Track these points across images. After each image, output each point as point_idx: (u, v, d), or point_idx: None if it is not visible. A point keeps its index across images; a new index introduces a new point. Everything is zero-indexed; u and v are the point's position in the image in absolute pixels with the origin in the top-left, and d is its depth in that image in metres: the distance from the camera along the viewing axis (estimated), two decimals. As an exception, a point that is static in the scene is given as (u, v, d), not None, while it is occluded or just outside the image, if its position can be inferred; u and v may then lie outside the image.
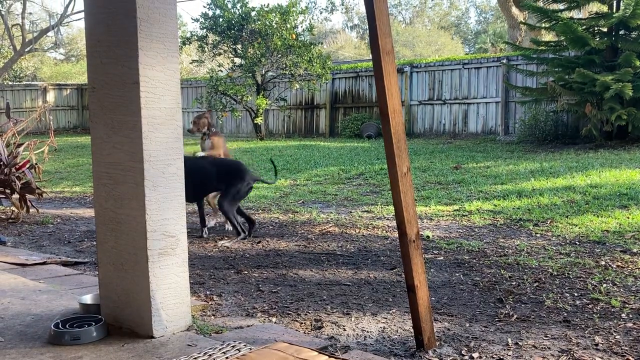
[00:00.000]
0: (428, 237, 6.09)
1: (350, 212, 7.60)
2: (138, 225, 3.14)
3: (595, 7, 14.85)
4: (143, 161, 3.08)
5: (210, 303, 4.13)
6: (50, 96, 26.72)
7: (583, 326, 3.58)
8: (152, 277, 3.14)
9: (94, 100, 3.32)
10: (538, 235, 6.02)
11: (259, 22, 17.79)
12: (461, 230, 6.39)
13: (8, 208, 7.92)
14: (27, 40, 34.73)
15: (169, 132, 3.18)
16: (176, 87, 3.21)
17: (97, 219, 3.43)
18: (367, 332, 3.58)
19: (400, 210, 3.00)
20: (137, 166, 3.10)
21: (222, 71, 19.55)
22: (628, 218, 6.34)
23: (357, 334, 3.55)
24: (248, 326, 3.58)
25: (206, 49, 19.28)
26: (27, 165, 7.54)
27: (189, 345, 3.08)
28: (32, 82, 31.79)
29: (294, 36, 17.81)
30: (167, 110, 3.17)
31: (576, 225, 6.23)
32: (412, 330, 3.29)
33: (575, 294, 4.18)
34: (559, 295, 4.16)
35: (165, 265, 3.20)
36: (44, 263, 5.13)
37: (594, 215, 6.56)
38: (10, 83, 30.77)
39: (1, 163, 7.28)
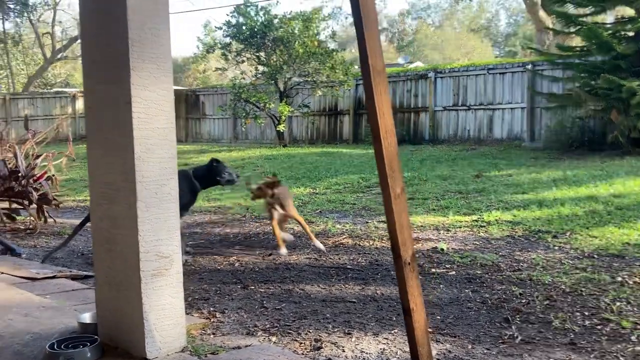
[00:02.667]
0: (442, 249, 5.99)
1: (367, 222, 7.53)
2: (131, 245, 3.12)
3: (622, 12, 14.56)
4: (136, 182, 3.06)
5: (212, 320, 4.10)
6: (79, 103, 27.11)
7: (589, 349, 3.46)
8: (145, 298, 3.12)
9: (90, 120, 3.32)
10: (556, 247, 5.88)
11: (282, 30, 17.83)
12: (477, 242, 6.27)
13: (26, 219, 8.02)
14: (57, 48, 35.36)
15: (163, 152, 3.16)
16: (170, 107, 3.19)
17: (93, 239, 3.43)
18: (367, 354, 3.51)
19: (395, 232, 2.92)
20: (130, 186, 3.09)
21: (245, 78, 19.63)
22: (650, 230, 6.17)
23: (356, 355, 3.48)
24: (246, 346, 3.54)
25: (230, 56, 19.38)
26: (45, 177, 7.63)
27: (181, 367, 3.05)
28: (62, 90, 32.31)
29: (316, 43, 17.80)
30: (161, 131, 3.15)
31: (596, 237, 6.08)
32: (410, 354, 3.21)
33: (586, 313, 4.05)
34: (569, 314, 4.04)
35: (159, 287, 3.18)
36: (53, 277, 5.16)
37: (616, 226, 6.40)
38: (40, 91, 31.36)
39: (19, 174, 7.37)
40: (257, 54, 19.06)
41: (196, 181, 6.21)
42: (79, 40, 37.14)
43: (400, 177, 2.93)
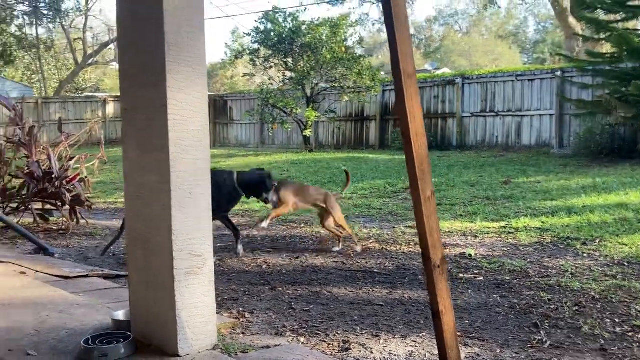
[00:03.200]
0: (470, 255, 5.98)
1: (394, 227, 7.54)
2: (165, 244, 3.19)
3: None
4: (170, 182, 3.13)
5: (241, 320, 4.16)
6: (110, 108, 27.53)
7: (620, 356, 3.44)
8: (178, 296, 3.18)
9: (126, 122, 3.40)
10: (585, 255, 5.83)
11: (310, 36, 17.93)
12: (505, 249, 6.25)
13: (59, 219, 8.18)
14: (88, 53, 35.94)
15: (197, 153, 3.23)
16: (204, 110, 3.25)
17: (127, 238, 3.50)
18: (395, 356, 3.53)
19: (424, 235, 2.94)
20: (164, 187, 3.16)
21: (272, 84, 19.76)
22: (682, 239, 6.09)
23: (384, 357, 3.51)
24: (275, 346, 3.58)
25: (258, 62, 19.54)
26: (78, 178, 7.78)
27: (212, 365, 3.11)
28: (93, 94, 32.84)
29: (344, 49, 17.86)
30: (195, 132, 3.21)
31: (626, 245, 6.02)
32: (439, 357, 3.22)
33: (616, 320, 4.02)
34: (599, 321, 4.01)
35: (192, 285, 3.24)
36: (86, 276, 5.27)
37: (646, 234, 6.33)
38: (72, 95, 31.89)
39: (53, 176, 7.53)
40: (285, 60, 19.19)
41: (239, 187, 6.29)
42: (109, 46, 37.77)
43: (430, 180, 2.96)
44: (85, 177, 7.98)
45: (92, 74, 45.21)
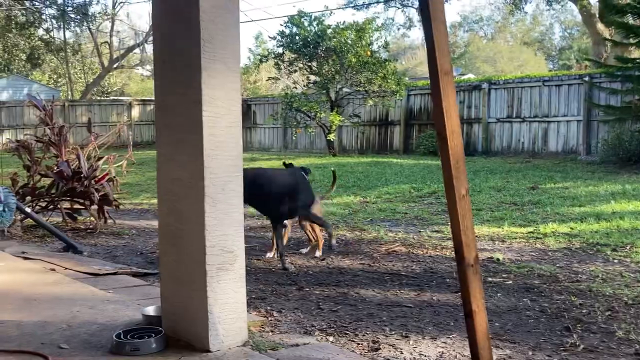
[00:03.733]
0: (498, 259, 5.92)
1: (419, 231, 7.50)
2: (197, 240, 3.20)
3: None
4: (204, 178, 3.14)
5: (269, 319, 4.16)
6: (135, 111, 27.81)
7: (656, 361, 3.38)
8: (209, 292, 3.19)
9: (160, 119, 3.43)
10: (615, 260, 5.75)
11: (335, 40, 17.95)
12: (534, 254, 6.18)
13: (87, 219, 8.26)
14: (114, 57, 36.36)
15: (230, 150, 3.24)
16: (237, 107, 3.27)
17: (160, 234, 3.53)
18: (425, 356, 3.50)
19: (459, 233, 2.92)
20: (198, 183, 3.17)
21: (297, 88, 19.81)
22: None
23: (415, 357, 3.48)
24: (304, 344, 3.58)
25: (282, 66, 19.61)
26: (106, 178, 7.85)
27: (243, 361, 3.11)
28: (119, 98, 33.21)
29: (369, 53, 17.85)
30: (228, 129, 3.23)
31: (658, 252, 5.92)
32: (470, 357, 3.20)
33: (651, 326, 3.95)
34: (633, 325, 3.95)
35: (223, 280, 3.24)
36: (115, 273, 5.31)
37: (678, 241, 6.22)
38: (98, 98, 32.27)
39: (82, 175, 7.61)
40: (309, 64, 19.23)
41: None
42: (135, 50, 38.16)
43: (465, 179, 2.94)
44: (114, 177, 8.05)
45: (117, 78, 45.73)
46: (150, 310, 3.75)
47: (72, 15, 34.44)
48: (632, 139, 13.79)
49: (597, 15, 22.18)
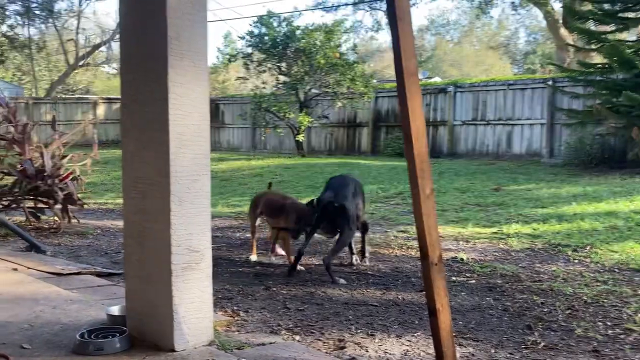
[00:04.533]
0: (462, 259, 6.01)
1: (386, 231, 7.55)
2: (163, 239, 3.19)
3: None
4: (170, 176, 3.13)
5: (236, 318, 4.16)
6: (101, 110, 27.41)
7: (613, 357, 3.47)
8: (175, 291, 3.18)
9: (126, 116, 3.41)
10: (576, 261, 5.88)
11: (304, 41, 17.95)
12: (497, 254, 6.28)
13: (50, 218, 8.13)
14: (80, 55, 35.80)
15: (197, 148, 3.24)
16: (205, 105, 3.26)
17: (125, 232, 3.50)
18: (390, 354, 3.54)
19: (423, 232, 2.96)
20: (163, 181, 3.16)
21: (265, 88, 19.77)
22: (671, 246, 6.14)
23: (380, 355, 3.52)
24: (270, 343, 3.59)
25: (251, 66, 19.54)
26: (70, 177, 7.74)
27: (208, 360, 3.11)
28: (84, 96, 32.70)
29: (338, 55, 17.90)
30: (195, 127, 3.22)
31: (616, 252, 6.06)
32: (435, 355, 3.24)
33: (608, 323, 4.05)
34: (591, 323, 4.05)
35: (189, 280, 3.24)
36: (78, 273, 5.25)
37: (636, 242, 6.37)
38: (63, 96, 31.74)
39: (45, 174, 7.49)
40: (279, 64, 19.20)
41: None
42: (101, 48, 37.61)
43: (430, 178, 2.98)
44: (78, 176, 7.94)
45: (83, 76, 45.00)
46: (115, 310, 3.72)
47: (37, 12, 33.81)
48: (593, 142, 14.08)
49: (561, 21, 22.60)
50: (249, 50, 19.57)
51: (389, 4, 2.77)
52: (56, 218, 7.77)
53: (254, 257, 6.13)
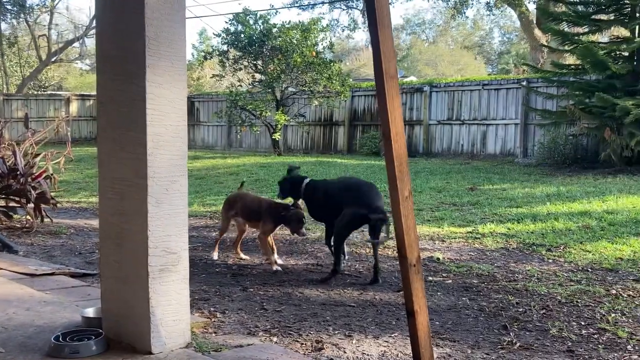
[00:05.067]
0: (438, 259, 6.05)
1: (362, 231, 7.55)
2: (140, 240, 3.16)
3: (617, 32, 14.76)
4: (147, 177, 3.10)
5: (213, 320, 4.13)
6: (73, 106, 27.06)
7: (587, 357, 3.52)
8: (152, 293, 3.15)
9: (102, 116, 3.36)
10: (550, 260, 5.95)
11: (280, 39, 17.90)
12: (472, 253, 6.33)
13: (23, 217, 8.01)
14: (52, 50, 35.29)
15: (174, 149, 3.21)
16: (183, 105, 3.24)
17: (101, 233, 3.46)
18: (368, 355, 3.55)
19: (401, 233, 2.98)
20: (141, 182, 3.13)
21: (242, 86, 19.67)
22: (643, 246, 6.24)
23: (357, 356, 3.52)
24: (248, 345, 3.57)
25: (227, 64, 19.43)
26: (43, 176, 7.63)
27: (186, 362, 3.08)
28: (56, 92, 32.23)
29: (314, 53, 17.89)
30: (173, 128, 3.19)
31: (590, 252, 6.15)
32: (412, 355, 3.26)
33: (582, 323, 4.11)
34: (566, 323, 4.10)
35: (166, 282, 3.21)
36: (52, 274, 5.17)
37: (609, 242, 6.47)
38: (35, 92, 31.26)
39: (18, 172, 7.37)
40: (255, 62, 19.13)
41: None
42: (74, 44, 37.10)
43: (408, 180, 2.99)
44: (51, 174, 7.82)
45: (56, 72, 44.37)
46: (90, 312, 3.67)
47: (9, 7, 33.27)
48: (566, 142, 14.28)
49: (535, 22, 22.86)
50: (225, 47, 19.45)
51: (369, 8, 2.77)
52: (29, 217, 7.64)
53: (215, 256, 6.13)
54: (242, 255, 6.17)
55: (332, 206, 5.47)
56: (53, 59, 36.70)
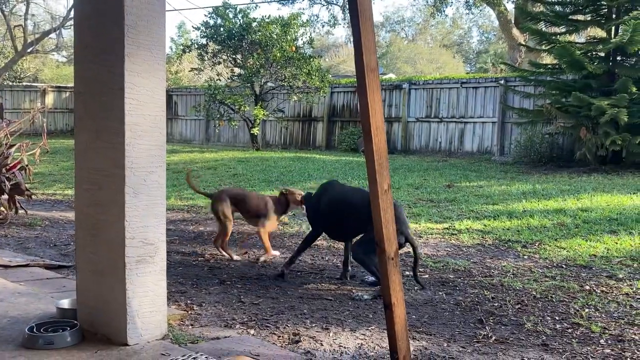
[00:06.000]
0: (415, 254, 6.07)
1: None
2: (117, 231, 3.13)
3: (593, 32, 14.93)
4: (125, 168, 3.07)
5: (189, 312, 4.11)
6: (49, 98, 26.72)
7: (561, 350, 3.57)
8: (128, 285, 3.13)
9: (79, 105, 3.32)
10: (525, 257, 6.01)
11: (260, 33, 17.83)
12: (449, 249, 6.38)
13: (-4, 209, 7.89)
14: (28, 41, 34.78)
15: (153, 139, 3.18)
16: (161, 95, 3.21)
17: (77, 224, 3.42)
18: (345, 347, 3.56)
19: (380, 227, 2.99)
20: (118, 173, 3.10)
21: (220, 80, 19.57)
22: (616, 243, 6.33)
23: (334, 349, 3.53)
24: (225, 337, 3.56)
25: (206, 57, 19.31)
26: (18, 167, 7.52)
27: (162, 354, 3.07)
28: (32, 84, 31.77)
29: (294, 48, 17.85)
30: (152, 118, 3.17)
31: (564, 249, 6.22)
32: (389, 348, 3.27)
33: (557, 318, 4.17)
34: (540, 318, 4.15)
35: (143, 273, 3.19)
36: (26, 265, 5.11)
37: (583, 239, 6.55)
38: (10, 83, 30.78)
39: (-8, 163, 7.26)
40: (234, 56, 19.04)
41: None
42: (51, 35, 36.59)
43: (387, 174, 3.00)
44: (26, 165, 7.71)
45: (31, 63, 43.74)
46: (65, 303, 3.63)
47: (-17, -4, 32.71)
48: (542, 141, 14.43)
49: (513, 22, 23.04)
50: (204, 41, 19.33)
51: (351, 0, 2.77)
52: (3, 209, 7.53)
53: (236, 257, 5.96)
54: (233, 255, 5.97)
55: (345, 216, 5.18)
56: (29, 50, 36.17)
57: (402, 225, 4.76)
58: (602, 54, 13.66)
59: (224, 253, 5.96)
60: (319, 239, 6.18)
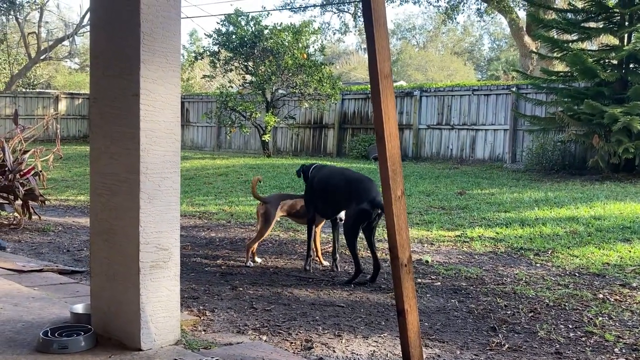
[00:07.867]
0: (427, 261, 6.06)
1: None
2: (131, 236, 3.15)
3: (606, 40, 14.87)
4: (139, 173, 3.09)
5: (202, 318, 4.12)
6: (62, 105, 26.92)
7: (575, 359, 3.54)
8: (142, 290, 3.14)
9: (95, 111, 3.35)
10: (538, 265, 5.98)
11: (272, 41, 17.90)
12: (461, 257, 6.36)
13: (10, 214, 7.95)
14: (42, 48, 35.11)
15: (167, 145, 3.20)
16: (176, 101, 3.23)
17: (91, 229, 3.44)
18: (357, 354, 3.55)
19: (393, 233, 2.99)
20: (133, 178, 3.12)
21: (232, 87, 19.64)
22: (630, 252, 6.29)
23: (347, 356, 3.53)
24: (238, 343, 3.57)
25: (218, 64, 19.40)
26: (32, 173, 7.58)
27: (175, 359, 3.07)
28: (45, 90, 32.05)
29: (305, 56, 17.90)
30: (166, 124, 3.19)
31: (577, 257, 6.19)
32: (402, 355, 3.27)
33: (570, 326, 4.14)
34: (553, 326, 4.13)
35: (157, 278, 3.20)
36: (40, 270, 5.14)
37: (596, 247, 6.52)
38: (23, 90, 31.07)
39: (6, 169, 7.32)
40: (246, 64, 19.12)
41: None
42: (64, 42, 36.93)
43: (401, 180, 3.01)
44: (40, 171, 7.77)
45: (44, 70, 44.12)
46: (79, 308, 3.65)
47: (-2, 3, 33.06)
48: (554, 148, 14.37)
49: (525, 29, 23.01)
50: (216, 48, 19.43)
51: (365, 6, 2.78)
52: (17, 214, 7.59)
53: (257, 260, 6.01)
54: (250, 262, 5.96)
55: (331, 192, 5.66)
56: (42, 57, 36.52)
57: (377, 195, 5.22)
58: (615, 62, 13.60)
59: (249, 255, 5.96)
60: (330, 246, 6.18)
